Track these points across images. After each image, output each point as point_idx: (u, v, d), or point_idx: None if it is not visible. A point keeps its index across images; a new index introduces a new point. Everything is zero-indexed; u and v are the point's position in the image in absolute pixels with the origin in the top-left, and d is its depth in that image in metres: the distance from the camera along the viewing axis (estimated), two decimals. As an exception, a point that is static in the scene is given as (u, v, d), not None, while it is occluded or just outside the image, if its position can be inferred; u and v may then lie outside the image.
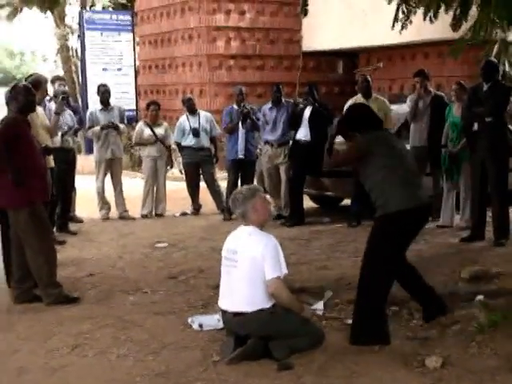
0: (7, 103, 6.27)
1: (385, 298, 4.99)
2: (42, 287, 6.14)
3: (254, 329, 4.73)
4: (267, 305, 4.75)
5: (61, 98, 8.67)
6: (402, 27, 6.99)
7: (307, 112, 9.48)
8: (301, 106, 9.61)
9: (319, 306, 5.66)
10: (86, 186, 10.98)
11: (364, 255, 5.04)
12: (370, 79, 9.51)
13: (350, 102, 9.49)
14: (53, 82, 10.30)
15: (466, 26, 7.10)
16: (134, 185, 12.21)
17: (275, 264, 4.73)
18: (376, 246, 4.97)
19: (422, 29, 7.39)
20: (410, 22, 6.97)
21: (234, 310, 4.78)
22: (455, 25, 6.87)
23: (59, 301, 6.07)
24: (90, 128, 10.11)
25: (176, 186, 11.59)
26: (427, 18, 6.93)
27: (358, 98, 9.40)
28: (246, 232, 4.87)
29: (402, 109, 9.55)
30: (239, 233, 4.93)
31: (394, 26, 6.99)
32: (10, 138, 5.95)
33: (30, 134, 6.21)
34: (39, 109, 7.50)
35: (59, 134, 8.87)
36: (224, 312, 4.89)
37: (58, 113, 8.43)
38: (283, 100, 9.87)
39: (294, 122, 9.58)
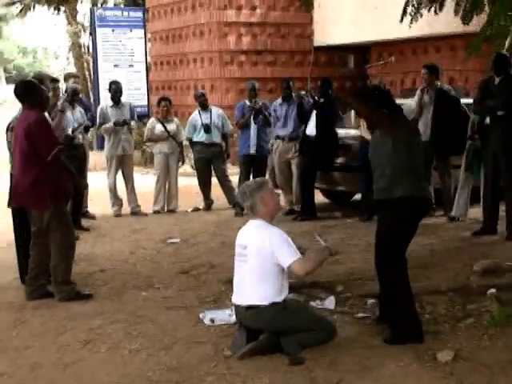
0: (22, 99, 6.12)
1: (406, 288, 4.87)
2: (55, 283, 6.15)
3: (266, 323, 4.73)
4: (279, 299, 4.75)
5: (71, 94, 8.66)
6: (412, 21, 6.96)
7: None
8: (309, 99, 9.59)
9: (329, 302, 5.64)
10: (99, 183, 11.01)
11: (375, 247, 4.99)
12: None
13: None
14: (66, 79, 10.35)
15: (476, 20, 7.06)
16: (145, 181, 12.24)
17: (288, 251, 4.71)
18: (387, 231, 4.91)
19: (434, 22, 7.37)
20: (421, 15, 6.94)
21: (246, 304, 4.78)
22: (465, 17, 6.83)
23: (71, 297, 6.09)
24: (101, 124, 10.12)
25: (188, 182, 11.61)
26: (438, 11, 6.91)
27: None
28: (253, 226, 4.88)
29: (413, 103, 9.49)
30: (248, 227, 4.94)
31: (402, 19, 6.96)
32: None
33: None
34: None
35: (69, 130, 8.87)
36: (237, 306, 4.90)
37: (62, 110, 8.32)
38: (293, 95, 9.85)
39: (301, 115, 9.57)
